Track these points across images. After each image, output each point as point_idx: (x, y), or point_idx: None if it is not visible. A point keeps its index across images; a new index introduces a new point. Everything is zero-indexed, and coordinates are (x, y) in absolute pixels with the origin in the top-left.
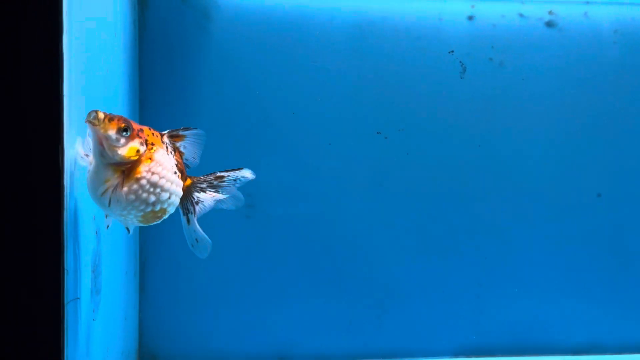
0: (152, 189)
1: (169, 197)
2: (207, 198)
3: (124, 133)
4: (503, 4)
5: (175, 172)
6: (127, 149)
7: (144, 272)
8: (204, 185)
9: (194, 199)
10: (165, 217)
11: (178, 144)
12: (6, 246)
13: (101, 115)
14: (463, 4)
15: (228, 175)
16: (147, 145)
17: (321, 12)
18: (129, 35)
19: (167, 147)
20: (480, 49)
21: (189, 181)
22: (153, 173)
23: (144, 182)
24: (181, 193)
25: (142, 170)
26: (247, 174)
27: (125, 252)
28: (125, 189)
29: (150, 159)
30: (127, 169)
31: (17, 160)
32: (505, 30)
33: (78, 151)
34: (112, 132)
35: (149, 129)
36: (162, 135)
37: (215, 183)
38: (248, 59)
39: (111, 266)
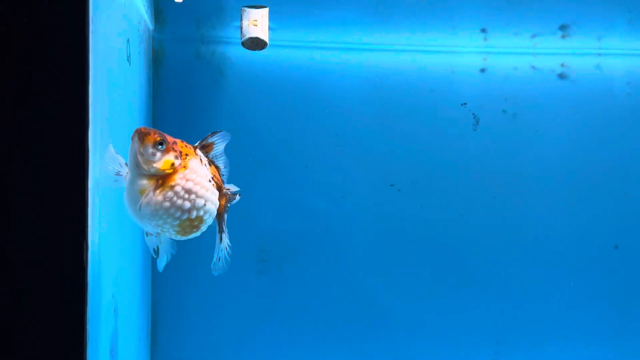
0: (186, 195)
1: (205, 204)
2: None
3: (160, 147)
4: (515, 56)
5: (210, 181)
6: (162, 162)
7: (156, 329)
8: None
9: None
10: (204, 228)
11: (211, 155)
12: (31, 348)
13: (139, 129)
14: (475, 56)
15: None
16: (181, 157)
17: (333, 66)
18: (144, 95)
19: (200, 159)
20: (493, 101)
21: (224, 199)
22: (187, 180)
23: (178, 188)
24: (217, 202)
25: (177, 178)
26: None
27: (139, 316)
28: (159, 197)
29: (184, 167)
30: (162, 178)
31: (44, 259)
32: (517, 82)
33: (109, 171)
34: (148, 146)
35: (182, 141)
36: (195, 148)
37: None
38: (261, 113)
39: (126, 337)
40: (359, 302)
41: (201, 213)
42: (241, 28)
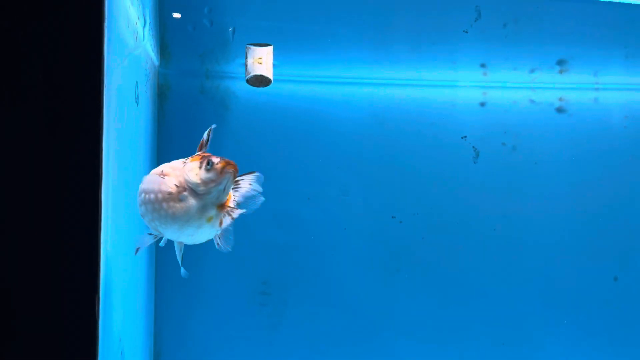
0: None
1: None
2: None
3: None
4: (514, 90)
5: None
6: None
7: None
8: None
9: None
10: None
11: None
12: None
13: (232, 165)
14: (475, 90)
15: (242, 179)
16: None
17: (336, 100)
18: (149, 130)
19: None
20: (493, 134)
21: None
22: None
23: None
24: None
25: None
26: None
27: (142, 352)
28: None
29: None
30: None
31: (55, 312)
32: (517, 115)
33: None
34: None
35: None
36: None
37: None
38: (266, 147)
39: None
40: (361, 335)
41: None
42: (246, 65)
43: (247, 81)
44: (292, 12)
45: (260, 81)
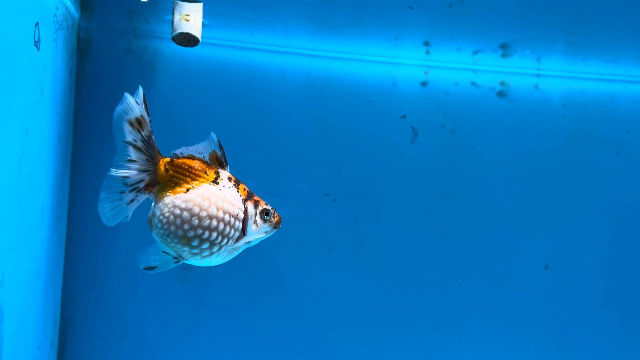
0: None
1: None
2: None
3: None
4: (456, 72)
5: None
6: None
7: (65, 335)
8: None
9: None
10: None
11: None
12: None
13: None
14: (416, 69)
15: None
16: None
17: (272, 69)
18: (62, 85)
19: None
20: (432, 115)
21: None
22: None
23: None
24: None
25: None
26: None
27: (41, 321)
28: None
29: None
30: None
31: None
32: (457, 97)
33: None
34: None
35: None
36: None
37: None
38: (194, 114)
39: (19, 343)
40: (289, 314)
41: None
42: (172, 22)
43: (173, 39)
44: None
45: (187, 40)
